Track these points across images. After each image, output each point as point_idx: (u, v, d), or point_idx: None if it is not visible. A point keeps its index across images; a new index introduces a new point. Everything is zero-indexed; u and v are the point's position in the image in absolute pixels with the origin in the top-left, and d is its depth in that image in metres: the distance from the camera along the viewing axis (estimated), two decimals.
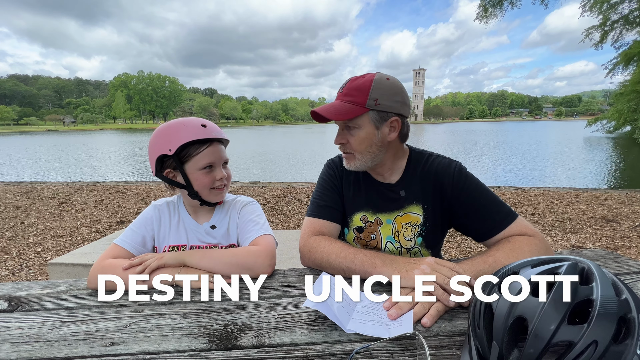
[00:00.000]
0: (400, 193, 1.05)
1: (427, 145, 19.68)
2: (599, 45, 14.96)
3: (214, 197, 1.02)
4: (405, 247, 1.05)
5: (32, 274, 2.89)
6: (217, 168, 0.99)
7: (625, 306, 0.46)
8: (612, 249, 3.16)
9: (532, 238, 0.89)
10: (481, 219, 0.97)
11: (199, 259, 0.89)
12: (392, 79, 0.96)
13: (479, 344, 0.52)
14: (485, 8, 13.35)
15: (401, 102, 0.96)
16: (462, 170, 1.02)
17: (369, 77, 0.95)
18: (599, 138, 22.10)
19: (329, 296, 0.70)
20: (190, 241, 1.04)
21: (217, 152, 0.99)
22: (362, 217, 1.08)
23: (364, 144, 0.97)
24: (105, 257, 0.92)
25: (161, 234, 1.04)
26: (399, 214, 1.05)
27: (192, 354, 0.60)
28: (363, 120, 0.95)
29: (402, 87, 0.97)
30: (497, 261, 0.81)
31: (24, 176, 10.69)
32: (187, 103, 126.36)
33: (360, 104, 0.93)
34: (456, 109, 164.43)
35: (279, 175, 10.21)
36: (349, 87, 0.96)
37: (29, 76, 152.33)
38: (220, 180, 1.00)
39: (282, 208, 4.86)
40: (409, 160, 1.08)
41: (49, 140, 34.74)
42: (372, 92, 0.92)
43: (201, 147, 0.96)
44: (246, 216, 1.05)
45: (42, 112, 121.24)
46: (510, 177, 9.32)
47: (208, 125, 0.97)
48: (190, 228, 1.05)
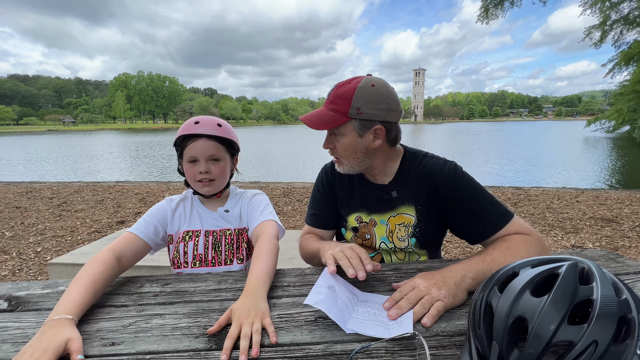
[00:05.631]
0: (393, 194, 1.05)
1: (428, 145, 19.71)
2: (598, 44, 14.96)
3: (200, 189, 1.09)
4: (399, 248, 1.06)
5: (32, 274, 2.89)
6: (199, 162, 1.04)
7: (625, 306, 0.46)
8: (612, 249, 3.16)
9: (528, 237, 0.89)
10: (477, 220, 0.96)
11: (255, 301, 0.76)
12: (378, 84, 0.93)
13: (479, 344, 0.52)
14: (486, 9, 13.35)
15: (385, 109, 0.93)
16: (457, 171, 1.00)
17: (354, 84, 0.93)
18: (598, 138, 22.11)
19: (330, 294, 0.70)
20: (205, 226, 1.10)
21: (201, 148, 1.03)
22: (357, 217, 1.10)
23: (348, 151, 0.98)
24: (119, 245, 0.96)
25: (175, 222, 1.10)
26: (392, 215, 1.05)
27: (192, 354, 0.60)
28: (346, 128, 0.95)
29: (387, 93, 0.94)
30: (495, 260, 0.81)
31: (24, 176, 10.69)
32: (187, 103, 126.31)
33: (343, 112, 0.92)
34: (456, 109, 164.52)
35: (279, 175, 10.22)
36: (334, 95, 0.95)
37: (29, 76, 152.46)
38: (201, 174, 1.04)
39: (282, 208, 4.86)
40: (402, 161, 1.07)
41: (49, 140, 34.74)
42: (354, 101, 0.91)
43: (188, 141, 1.03)
44: (255, 204, 1.14)
45: (42, 112, 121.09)
46: (510, 177, 9.32)
47: (202, 122, 1.03)
48: (204, 215, 1.12)
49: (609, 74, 16.31)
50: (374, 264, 0.79)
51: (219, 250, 1.08)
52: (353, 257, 0.80)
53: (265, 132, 53.00)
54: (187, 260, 1.06)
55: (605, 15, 14.03)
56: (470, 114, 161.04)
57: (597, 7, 13.69)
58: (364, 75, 0.97)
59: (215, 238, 1.08)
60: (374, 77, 0.96)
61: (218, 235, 1.09)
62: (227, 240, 1.09)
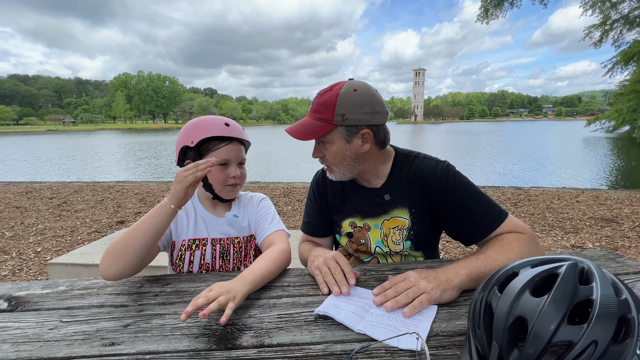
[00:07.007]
0: (385, 197, 1.04)
1: (428, 145, 19.67)
2: (598, 44, 14.96)
3: (226, 194, 1.06)
4: (394, 251, 1.05)
5: (32, 274, 2.89)
6: (232, 166, 1.02)
7: (625, 306, 0.46)
8: (612, 249, 3.16)
9: (521, 235, 0.89)
10: (471, 220, 0.95)
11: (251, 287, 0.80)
12: (360, 89, 0.92)
13: (479, 344, 0.52)
14: (486, 9, 13.34)
15: (371, 112, 0.92)
16: (450, 171, 0.98)
17: (336, 90, 0.92)
18: (598, 138, 22.11)
19: (339, 304, 0.72)
20: (211, 234, 1.07)
21: (235, 151, 1.02)
22: (351, 222, 1.09)
23: (338, 158, 0.97)
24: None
25: (179, 229, 1.06)
26: (385, 218, 1.04)
27: (192, 354, 0.60)
28: (333, 135, 0.94)
29: (370, 96, 0.92)
30: (489, 257, 0.81)
31: (24, 176, 10.69)
32: (187, 103, 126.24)
33: (328, 120, 0.92)
34: (456, 109, 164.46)
35: (279, 175, 10.21)
36: (317, 103, 0.94)
37: (29, 76, 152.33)
38: (234, 178, 1.02)
39: (282, 208, 4.86)
40: (394, 164, 1.05)
41: (50, 141, 34.70)
42: (338, 108, 0.90)
43: (220, 143, 1.00)
44: (263, 211, 1.13)
45: (42, 112, 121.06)
46: (510, 177, 9.32)
47: (231, 124, 1.02)
48: (209, 221, 1.08)
49: (608, 73, 16.32)
50: (356, 274, 0.84)
51: (227, 259, 1.06)
52: (337, 271, 0.82)
53: (265, 132, 52.96)
54: (192, 270, 1.03)
55: (606, 15, 14.03)
56: (470, 114, 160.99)
57: (597, 7, 13.69)
58: (346, 81, 0.95)
59: (222, 247, 1.06)
60: (355, 82, 0.95)
61: (226, 243, 1.06)
62: (235, 248, 1.07)
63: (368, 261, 1.11)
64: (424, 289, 0.72)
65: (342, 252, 1.18)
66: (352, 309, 0.71)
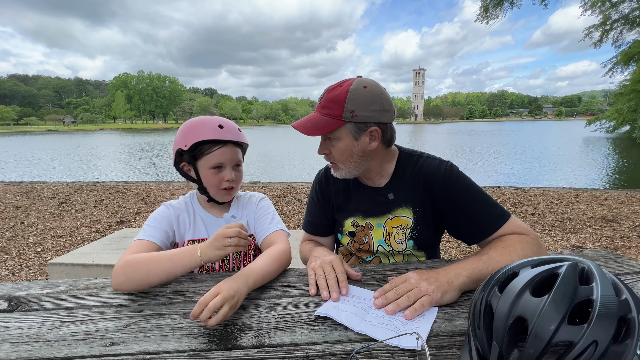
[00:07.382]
0: (389, 196, 1.04)
1: (428, 145, 19.68)
2: (598, 44, 14.96)
3: (221, 197, 1.05)
4: (397, 250, 1.05)
5: (32, 274, 2.89)
6: (226, 169, 1.00)
7: (625, 306, 0.46)
8: (612, 249, 3.16)
9: (524, 236, 0.88)
10: (473, 220, 0.95)
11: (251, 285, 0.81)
12: (370, 86, 0.92)
13: (479, 344, 0.52)
14: (485, 9, 13.34)
15: (380, 110, 0.92)
16: (453, 171, 0.98)
17: (346, 87, 0.91)
18: (598, 138, 22.10)
19: (340, 305, 0.72)
20: (210, 235, 1.04)
21: (228, 154, 1.00)
22: (353, 222, 1.09)
23: (345, 155, 0.96)
24: (131, 253, 0.89)
25: (180, 230, 1.05)
26: (389, 218, 1.04)
27: (192, 354, 0.60)
28: (341, 132, 0.93)
29: (380, 93, 0.92)
30: (491, 259, 0.81)
31: (24, 177, 10.69)
32: (187, 103, 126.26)
33: (337, 116, 0.91)
34: (456, 109, 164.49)
35: (279, 175, 10.21)
36: (325, 99, 0.93)
37: (29, 76, 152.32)
38: (228, 182, 1.01)
39: (282, 208, 4.86)
40: (398, 163, 1.05)
41: (50, 141, 34.71)
42: (347, 104, 0.89)
43: (214, 147, 0.98)
44: (262, 210, 1.12)
45: (42, 112, 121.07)
46: (510, 177, 9.32)
47: (226, 126, 0.98)
48: (209, 222, 1.08)
49: (608, 73, 16.32)
50: (357, 275, 0.86)
51: (226, 259, 1.05)
52: (330, 277, 0.82)
53: (265, 132, 52.99)
54: (192, 270, 1.04)
55: (606, 15, 14.03)
56: (470, 114, 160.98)
57: (597, 7, 13.69)
58: (354, 78, 0.95)
59: None
60: (365, 79, 0.94)
61: None
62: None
63: (370, 260, 1.11)
64: (425, 291, 0.72)
65: (343, 252, 1.19)
66: (352, 310, 0.71)
